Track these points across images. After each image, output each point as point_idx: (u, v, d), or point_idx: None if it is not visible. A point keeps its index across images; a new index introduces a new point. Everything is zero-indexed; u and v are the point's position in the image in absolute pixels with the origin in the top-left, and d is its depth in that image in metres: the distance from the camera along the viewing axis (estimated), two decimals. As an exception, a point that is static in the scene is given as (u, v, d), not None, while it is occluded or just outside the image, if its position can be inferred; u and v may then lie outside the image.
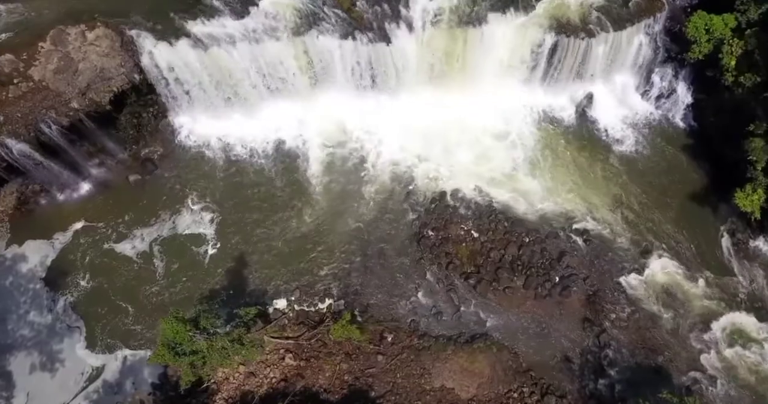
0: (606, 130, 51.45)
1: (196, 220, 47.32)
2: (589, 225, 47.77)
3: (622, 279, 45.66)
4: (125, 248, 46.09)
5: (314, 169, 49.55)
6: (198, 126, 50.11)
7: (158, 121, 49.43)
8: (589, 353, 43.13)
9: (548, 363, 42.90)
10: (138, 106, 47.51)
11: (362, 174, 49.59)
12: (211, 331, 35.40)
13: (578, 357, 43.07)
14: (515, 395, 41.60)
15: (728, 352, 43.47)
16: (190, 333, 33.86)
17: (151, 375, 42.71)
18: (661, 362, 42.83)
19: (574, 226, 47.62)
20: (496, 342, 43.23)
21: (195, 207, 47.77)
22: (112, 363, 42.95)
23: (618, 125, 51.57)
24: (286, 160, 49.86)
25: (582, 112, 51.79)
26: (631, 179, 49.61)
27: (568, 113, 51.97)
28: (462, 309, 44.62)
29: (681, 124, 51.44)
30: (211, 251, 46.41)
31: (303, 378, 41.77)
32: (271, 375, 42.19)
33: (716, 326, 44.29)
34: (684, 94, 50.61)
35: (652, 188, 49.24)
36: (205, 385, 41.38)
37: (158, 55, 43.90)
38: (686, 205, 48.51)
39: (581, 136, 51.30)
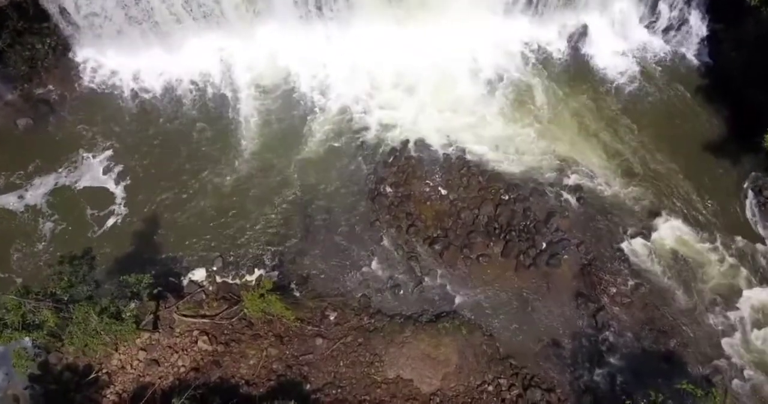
0: (604, 69, 43.25)
1: (97, 173, 39.40)
2: (584, 180, 39.80)
3: (624, 246, 37.94)
4: (5, 203, 37.80)
5: (246, 114, 41.30)
6: (107, 61, 42.15)
7: (58, 55, 41.35)
8: (583, 336, 35.81)
9: (532, 348, 35.44)
10: (30, 34, 39.42)
11: (305, 121, 41.30)
12: (66, 299, 26.24)
13: (570, 341, 35.64)
14: (490, 388, 33.92)
15: (755, 335, 36.12)
16: (18, 299, 24.58)
17: (30, 365, 33.87)
18: (673, 347, 35.37)
19: (565, 182, 39.65)
20: (466, 323, 35.52)
21: (97, 159, 39.75)
22: (-20, 351, 34.61)
23: (618, 63, 43.33)
24: (214, 104, 41.73)
25: (575, 47, 43.67)
26: (634, 127, 41.48)
27: (558, 48, 43.64)
28: (425, 281, 36.84)
29: (694, 61, 43.39)
30: (115, 209, 38.40)
31: (220, 366, 33.74)
32: (180, 363, 33.85)
33: (741, 303, 36.85)
34: (698, 25, 42.77)
35: (660, 137, 41.17)
36: (93, 375, 33.15)
37: (43, -38, 35.47)
38: (702, 157, 40.48)
39: (574, 75, 43.14)
